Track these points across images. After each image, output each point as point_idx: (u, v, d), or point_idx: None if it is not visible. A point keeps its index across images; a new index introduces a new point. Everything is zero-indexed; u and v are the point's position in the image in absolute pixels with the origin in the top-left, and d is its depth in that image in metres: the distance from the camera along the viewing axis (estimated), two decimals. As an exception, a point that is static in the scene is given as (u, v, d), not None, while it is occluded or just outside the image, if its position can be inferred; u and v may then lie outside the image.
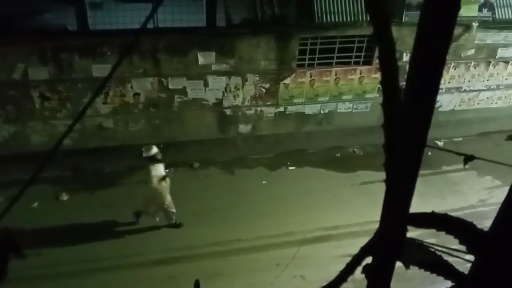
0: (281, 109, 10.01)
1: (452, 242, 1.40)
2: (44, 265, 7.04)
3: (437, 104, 10.69)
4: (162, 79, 8.89)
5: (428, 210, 1.38)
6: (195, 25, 8.66)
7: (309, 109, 10.12)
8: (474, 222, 1.28)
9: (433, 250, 1.34)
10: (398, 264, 1.62)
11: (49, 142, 8.48)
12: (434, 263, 1.24)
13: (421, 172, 1.18)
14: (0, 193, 7.65)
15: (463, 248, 1.27)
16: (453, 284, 1.17)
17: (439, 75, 1.02)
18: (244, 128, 10.03)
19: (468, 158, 1.11)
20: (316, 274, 6.89)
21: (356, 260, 1.29)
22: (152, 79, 8.84)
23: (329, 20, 8.94)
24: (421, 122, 1.06)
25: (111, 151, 9.35)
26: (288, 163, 10.17)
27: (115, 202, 8.61)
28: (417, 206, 1.57)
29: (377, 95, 10.17)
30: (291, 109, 10.06)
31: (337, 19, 8.93)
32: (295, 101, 9.95)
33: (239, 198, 8.91)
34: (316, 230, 8.10)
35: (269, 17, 8.84)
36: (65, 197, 8.72)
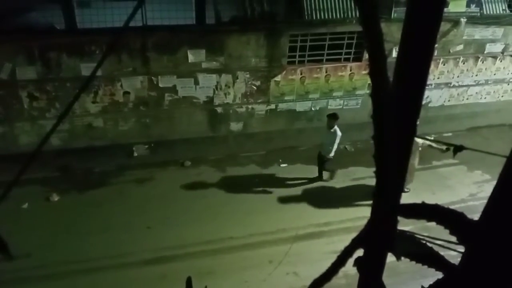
0: (272, 106, 10.00)
1: (443, 235, 1.40)
2: (34, 267, 6.97)
3: (427, 100, 10.77)
4: (152, 77, 8.83)
5: (418, 204, 1.39)
6: (184, 23, 8.61)
7: (300, 106, 10.12)
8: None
9: (424, 242, 1.34)
10: (390, 258, 1.62)
11: (38, 142, 8.29)
12: (425, 255, 1.24)
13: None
14: (-11, 195, 7.54)
15: (453, 239, 1.27)
16: (444, 275, 1.17)
17: (427, 64, 1.01)
18: (235, 126, 10.01)
19: (458, 149, 1.11)
20: (309, 270, 6.89)
21: (347, 252, 1.29)
22: (142, 78, 8.78)
23: (318, 17, 8.95)
24: (410, 112, 1.06)
25: (101, 150, 9.27)
26: (280, 160, 10.18)
27: (106, 201, 8.55)
28: (407, 201, 1.57)
29: (368, 92, 10.21)
30: (282, 106, 10.05)
31: (326, 16, 8.94)
32: (286, 98, 9.95)
33: (231, 196, 8.90)
34: (308, 226, 8.12)
35: (259, 14, 8.82)
36: (55, 197, 8.63)
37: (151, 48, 8.54)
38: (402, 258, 1.21)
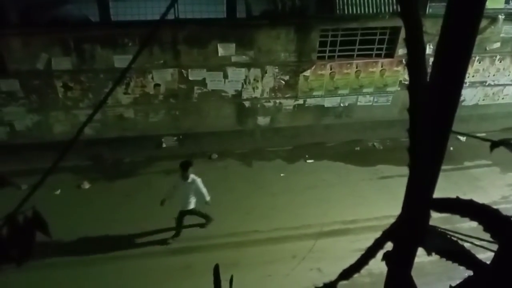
0: (300, 101, 9.96)
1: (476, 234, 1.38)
2: (64, 252, 7.22)
3: (461, 99, 10.47)
4: (182, 70, 8.94)
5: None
6: (215, 16, 8.67)
7: (328, 102, 10.03)
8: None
9: (455, 239, 1.32)
10: (418, 259, 1.59)
11: (71, 131, 8.65)
12: (456, 252, 1.22)
13: (442, 167, 1.16)
14: (23, 181, 7.83)
15: (487, 237, 1.25)
16: (474, 273, 1.15)
17: (467, 58, 0.99)
18: (262, 120, 10.03)
19: (495, 144, 1.09)
20: (333, 267, 6.84)
21: (377, 244, 1.28)
22: (172, 70, 8.91)
23: (350, 11, 8.81)
24: (447, 106, 1.04)
25: (131, 141, 9.48)
26: (306, 156, 10.13)
27: (134, 191, 8.75)
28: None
29: (399, 89, 10.01)
30: (310, 101, 9.99)
31: (358, 11, 8.80)
32: (314, 93, 9.88)
33: (256, 190, 8.94)
34: (333, 223, 8.07)
35: (289, 8, 8.77)
36: (86, 185, 8.89)
37: (182, 41, 8.65)
38: (433, 254, 1.20)
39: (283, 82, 9.56)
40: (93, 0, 8.24)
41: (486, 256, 1.24)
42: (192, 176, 7.40)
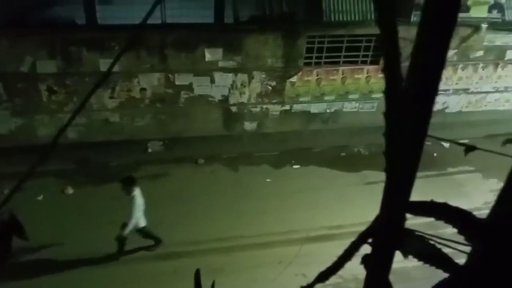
0: (287, 107, 10.01)
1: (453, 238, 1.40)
2: (46, 258, 7.10)
3: (444, 105, 10.64)
4: (169, 74, 8.92)
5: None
6: (203, 21, 8.68)
7: (315, 108, 10.11)
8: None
9: (433, 242, 1.34)
10: (403, 263, 1.60)
11: (55, 135, 8.52)
12: (432, 255, 1.24)
13: (426, 173, 1.18)
14: (6, 184, 7.73)
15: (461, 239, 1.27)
16: (450, 275, 1.17)
17: (441, 63, 1.02)
18: (249, 126, 10.05)
19: (470, 149, 1.11)
20: (318, 272, 6.89)
21: (353, 247, 1.29)
22: (159, 75, 8.88)
23: (337, 18, 8.92)
24: (422, 111, 1.06)
25: (117, 145, 9.41)
26: (293, 161, 10.17)
27: (119, 196, 8.64)
28: None
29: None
30: (297, 107, 10.05)
31: (345, 18, 8.90)
32: (301, 99, 9.94)
33: (243, 195, 8.93)
34: (319, 228, 8.10)
35: (277, 14, 8.83)
36: (70, 190, 8.78)
37: (169, 46, 8.63)
38: (412, 258, 1.21)
39: (270, 87, 9.61)
40: (80, 3, 8.19)
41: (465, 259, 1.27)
42: (134, 193, 6.95)
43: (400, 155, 1.12)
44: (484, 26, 9.60)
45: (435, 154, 8.22)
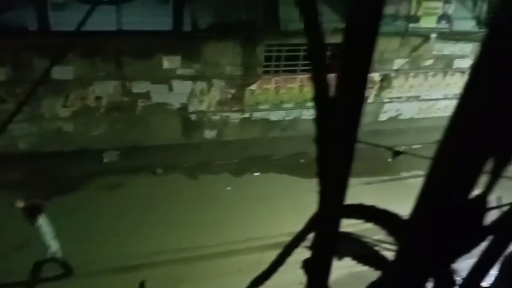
0: (247, 115, 10.04)
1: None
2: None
3: (398, 112, 11.03)
4: (126, 82, 8.74)
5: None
6: (161, 29, 8.60)
7: (274, 116, 10.20)
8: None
9: (370, 244, 1.38)
10: (361, 267, 1.63)
11: (5, 145, 8.15)
12: (368, 255, 1.28)
13: (380, 178, 1.21)
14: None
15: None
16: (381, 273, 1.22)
17: (366, 71, 1.05)
18: (209, 134, 9.99)
19: (397, 153, 1.16)
20: (279, 280, 6.91)
21: (286, 252, 1.31)
22: (115, 83, 8.68)
23: (294, 27, 9.07)
24: (351, 118, 1.09)
25: (71, 155, 9.07)
26: (254, 169, 10.20)
27: (74, 208, 8.35)
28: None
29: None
30: (256, 115, 10.10)
31: (302, 27, 9.06)
32: (260, 107, 10.01)
33: (203, 204, 8.85)
34: (279, 235, 8.11)
35: (236, 22, 8.89)
36: (20, 204, 8.34)
37: (125, 53, 8.46)
38: (344, 259, 1.25)
39: (229, 95, 9.61)
40: (32, 9, 7.90)
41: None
42: (39, 222, 6.52)
43: (331, 161, 1.15)
44: (433, 36, 10.06)
45: (389, 160, 8.49)
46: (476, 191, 1.03)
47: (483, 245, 1.26)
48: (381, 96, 10.53)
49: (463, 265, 1.37)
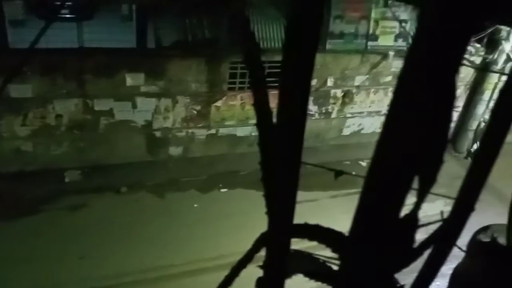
0: (213, 131, 10.05)
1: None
2: None
3: (360, 127, 11.34)
4: (87, 100, 8.59)
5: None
6: (124, 46, 8.55)
7: (240, 131, 10.26)
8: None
9: (321, 260, 1.43)
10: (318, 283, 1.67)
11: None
12: (319, 271, 1.32)
13: (347, 191, 1.25)
14: None
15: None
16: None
17: (306, 97, 1.11)
18: (175, 151, 9.92)
19: (338, 173, 1.22)
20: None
21: (234, 272, 1.34)
22: (76, 100, 8.51)
23: (267, 45, 9.23)
24: (293, 140, 1.15)
25: (30, 176, 8.77)
26: (221, 185, 10.16)
27: (35, 230, 8.05)
28: (345, 222, 1.61)
29: (305, 118, 10.58)
30: (223, 131, 10.13)
31: (265, 45, 9.24)
32: (226, 123, 10.05)
33: (170, 222, 8.71)
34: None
35: (200, 40, 8.96)
36: (-25, 227, 7.97)
37: (87, 71, 8.34)
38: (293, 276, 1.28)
39: (195, 112, 9.61)
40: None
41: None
42: None
43: (277, 182, 1.20)
44: (391, 53, 10.48)
45: (353, 173, 8.67)
46: (407, 209, 1.10)
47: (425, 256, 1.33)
48: (344, 111, 10.82)
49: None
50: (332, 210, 8.67)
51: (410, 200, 1.15)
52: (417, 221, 1.08)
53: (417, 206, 1.06)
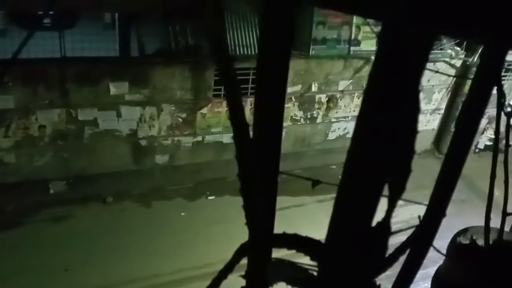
0: (199, 138, 10.03)
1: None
2: None
3: (345, 131, 11.44)
4: (71, 110, 8.49)
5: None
6: (107, 55, 8.50)
7: (226, 138, 10.25)
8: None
9: (304, 268, 1.45)
10: None
11: None
12: (300, 279, 1.34)
13: (332, 195, 1.26)
14: None
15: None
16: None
17: (281, 110, 1.13)
18: (161, 159, 9.86)
19: (315, 183, 1.24)
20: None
21: (218, 279, 1.35)
22: (59, 110, 8.41)
23: (242, 52, 9.27)
24: (270, 152, 1.17)
25: (14, 187, 8.64)
26: (208, 192, 10.13)
27: (19, 242, 7.92)
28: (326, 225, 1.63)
29: (290, 123, 10.64)
30: (209, 138, 10.11)
31: (249, 52, 9.28)
32: (212, 130, 10.04)
33: (157, 232, 8.65)
34: (236, 258, 8.10)
35: (184, 47, 8.95)
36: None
37: (70, 80, 8.25)
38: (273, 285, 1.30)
39: (180, 119, 9.58)
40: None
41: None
42: None
43: (255, 194, 1.21)
44: (373, 58, 10.59)
45: (330, 182, 8.69)
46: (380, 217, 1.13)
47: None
48: (328, 116, 10.90)
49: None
50: (319, 214, 8.72)
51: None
52: (389, 228, 1.11)
53: (388, 214, 1.09)
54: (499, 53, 0.95)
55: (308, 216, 8.99)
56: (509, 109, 1.95)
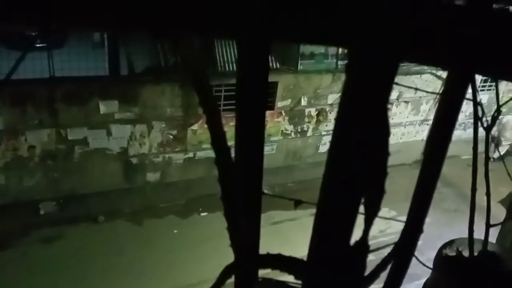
0: (190, 154, 10.03)
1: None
2: None
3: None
4: (60, 130, 8.46)
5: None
6: (96, 74, 8.52)
7: (218, 154, 10.25)
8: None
9: (290, 286, 1.46)
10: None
11: None
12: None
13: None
14: None
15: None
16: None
17: (261, 132, 1.16)
18: (152, 176, 9.83)
19: (298, 202, 1.27)
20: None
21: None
22: (49, 130, 8.38)
23: (231, 68, 9.35)
24: (253, 173, 1.19)
25: (3, 209, 8.52)
26: (200, 209, 10.09)
27: (8, 264, 7.79)
28: None
29: (281, 138, 10.69)
30: (200, 154, 10.11)
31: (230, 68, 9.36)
32: (204, 146, 10.04)
33: (149, 250, 8.57)
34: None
35: (173, 64, 9.01)
36: None
37: (59, 100, 8.24)
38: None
39: (171, 136, 9.59)
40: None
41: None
42: None
43: (239, 215, 1.23)
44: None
45: (311, 201, 8.73)
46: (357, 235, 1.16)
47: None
48: (319, 129, 10.98)
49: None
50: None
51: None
52: (367, 246, 1.13)
53: (365, 232, 1.11)
54: (466, 76, 0.99)
55: (302, 230, 8.94)
56: (488, 123, 2.00)
